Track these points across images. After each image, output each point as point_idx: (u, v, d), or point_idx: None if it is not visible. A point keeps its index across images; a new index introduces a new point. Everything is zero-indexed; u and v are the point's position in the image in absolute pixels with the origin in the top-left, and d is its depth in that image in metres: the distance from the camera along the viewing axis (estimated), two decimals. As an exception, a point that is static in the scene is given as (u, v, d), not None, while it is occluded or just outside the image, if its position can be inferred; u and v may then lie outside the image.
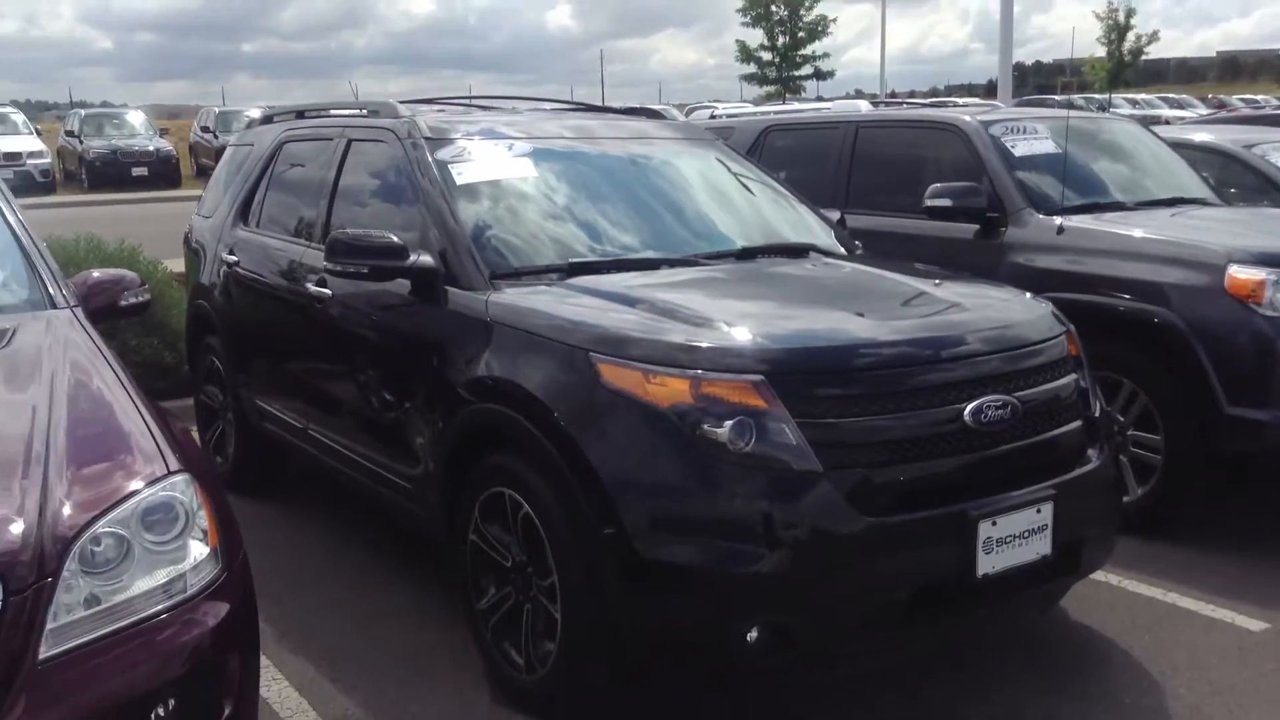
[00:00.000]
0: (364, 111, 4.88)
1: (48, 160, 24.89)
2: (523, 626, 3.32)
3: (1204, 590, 4.09)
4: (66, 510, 2.13)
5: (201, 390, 5.82)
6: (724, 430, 2.89)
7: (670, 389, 2.99)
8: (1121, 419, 4.76)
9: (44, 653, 2.00)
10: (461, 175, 4.07)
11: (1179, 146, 6.50)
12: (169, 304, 7.09)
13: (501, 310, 3.49)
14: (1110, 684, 3.43)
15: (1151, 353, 4.64)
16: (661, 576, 2.94)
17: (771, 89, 43.38)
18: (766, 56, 43.22)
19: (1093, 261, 4.93)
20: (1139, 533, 4.56)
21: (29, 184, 23.31)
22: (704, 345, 3.03)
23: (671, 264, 3.89)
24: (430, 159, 4.11)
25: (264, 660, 3.60)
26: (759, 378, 2.94)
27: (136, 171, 25.11)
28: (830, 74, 44.21)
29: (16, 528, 2.05)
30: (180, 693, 2.14)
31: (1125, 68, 49.31)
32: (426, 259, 3.80)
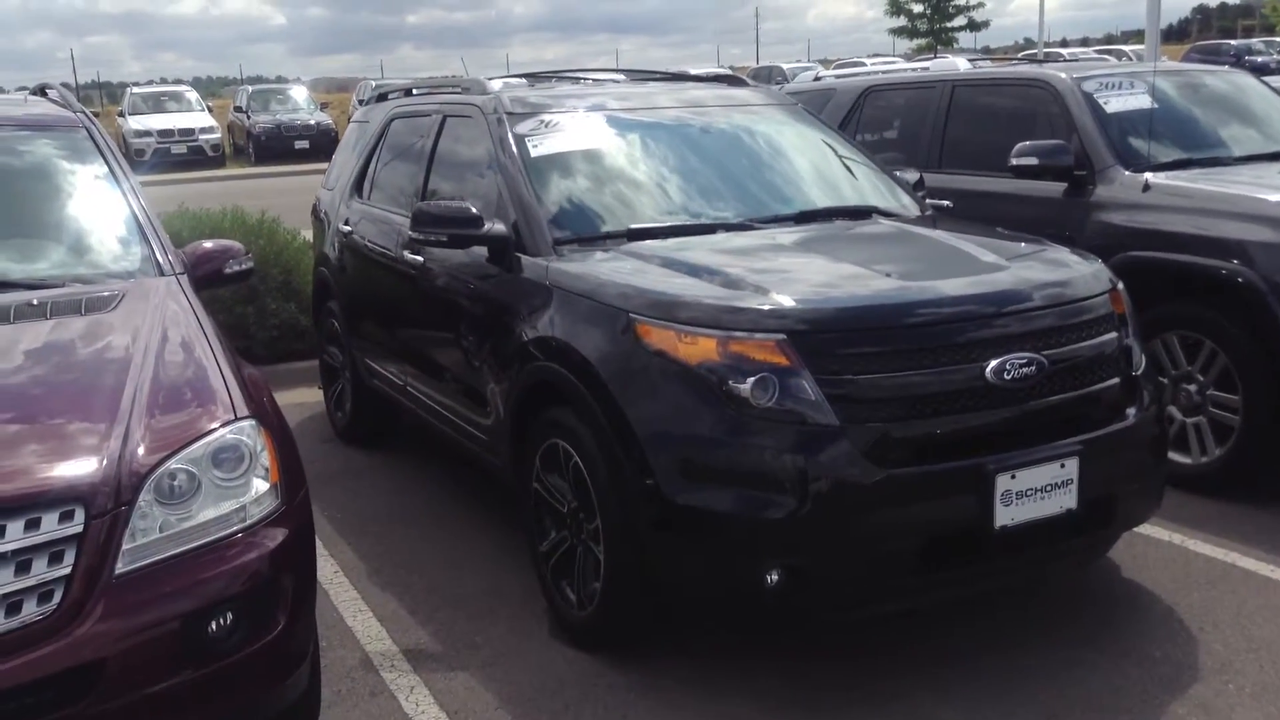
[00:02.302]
0: (459, 89, 5.20)
1: (218, 135, 26.45)
2: (575, 567, 3.60)
3: (1268, 551, 4.05)
4: (142, 450, 2.50)
5: (325, 351, 6.31)
6: (747, 386, 3.08)
7: (700, 348, 3.20)
8: (1202, 379, 4.71)
9: (120, 568, 2.37)
10: (537, 148, 4.34)
11: (1297, 97, 6.24)
12: (305, 271, 7.54)
13: (559, 275, 3.76)
14: (1144, 638, 3.49)
15: (1232, 312, 4.57)
16: (689, 521, 3.17)
17: (922, 42, 42.18)
18: (917, 8, 42.05)
19: (1178, 219, 4.86)
20: (1214, 493, 4.55)
21: (201, 158, 24.92)
22: (731, 306, 3.23)
23: (728, 228, 4.08)
24: (510, 133, 4.39)
25: (354, 593, 4.04)
26: (781, 336, 3.13)
27: (299, 144, 26.43)
28: (984, 24, 42.68)
29: (98, 463, 2.43)
30: (237, 607, 2.49)
31: (1314, 8, 45.74)
32: (500, 227, 4.09)
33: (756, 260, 3.67)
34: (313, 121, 27.33)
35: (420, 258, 4.70)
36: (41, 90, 4.78)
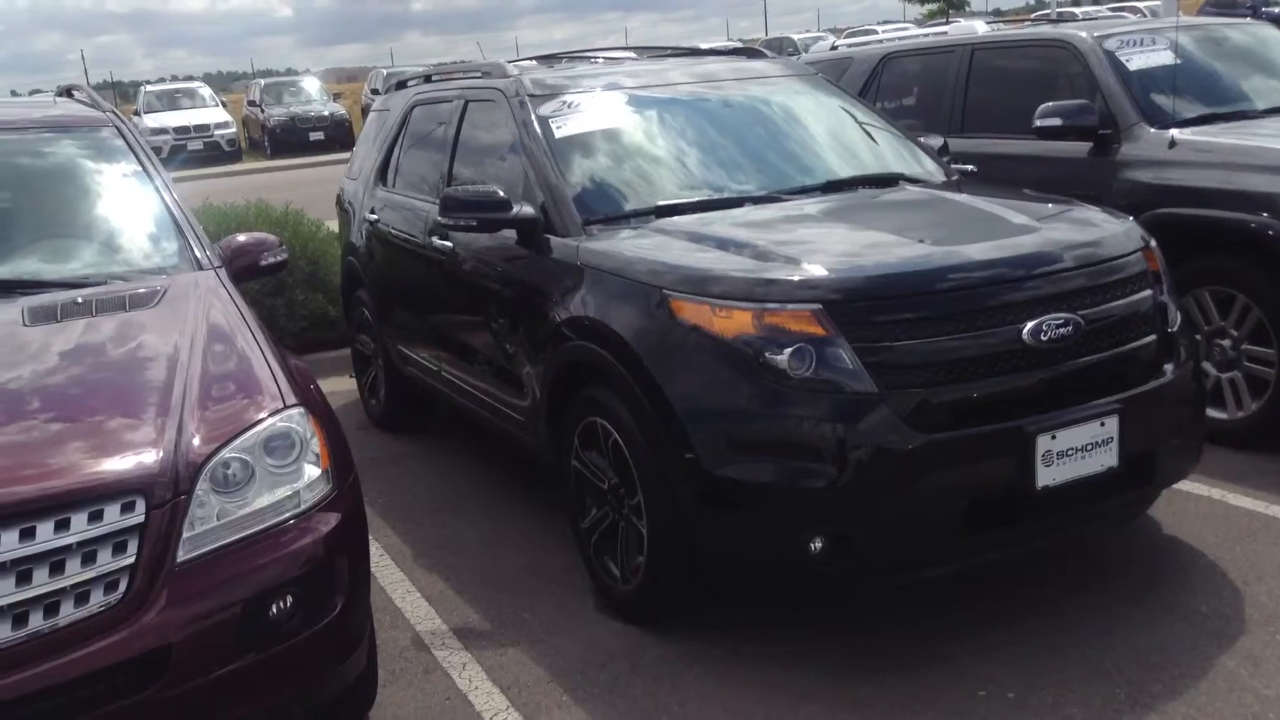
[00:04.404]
0: (479, 73, 5.22)
1: (233, 130, 26.54)
2: (618, 542, 3.64)
3: (1309, 503, 4.06)
4: (197, 440, 2.55)
5: (355, 339, 6.36)
6: (784, 357, 3.10)
7: (735, 321, 3.22)
8: (1235, 333, 4.70)
9: (181, 556, 2.42)
10: (561, 129, 4.36)
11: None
12: (331, 262, 7.58)
13: (590, 254, 3.78)
14: (1189, 593, 3.50)
15: (1264, 266, 4.55)
16: (732, 493, 3.20)
17: (933, 6, 41.80)
18: (927, -28, 41.65)
19: (1205, 174, 4.83)
20: (1251, 448, 4.55)
21: (218, 153, 25.04)
22: (765, 278, 3.24)
23: (755, 201, 4.09)
24: (533, 115, 4.41)
25: (400, 575, 4.10)
26: (816, 306, 3.14)
27: (314, 136, 26.43)
28: (996, -14, 42.17)
29: (156, 455, 2.48)
30: (296, 590, 2.54)
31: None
32: (528, 210, 4.12)
33: (786, 231, 3.68)
34: (326, 113, 27.33)
35: (449, 243, 4.73)
36: (68, 91, 4.83)
